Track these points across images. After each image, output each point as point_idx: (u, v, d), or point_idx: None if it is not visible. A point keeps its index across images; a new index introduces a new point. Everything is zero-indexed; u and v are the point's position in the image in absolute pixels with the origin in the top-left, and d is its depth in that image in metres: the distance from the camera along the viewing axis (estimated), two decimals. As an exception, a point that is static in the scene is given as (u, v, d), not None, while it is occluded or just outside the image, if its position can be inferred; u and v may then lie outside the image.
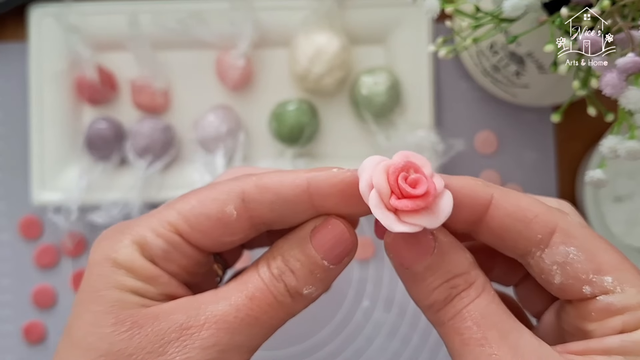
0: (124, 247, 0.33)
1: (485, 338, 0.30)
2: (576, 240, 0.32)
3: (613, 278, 0.31)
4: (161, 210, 0.34)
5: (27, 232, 0.69)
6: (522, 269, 0.35)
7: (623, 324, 0.31)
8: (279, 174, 0.33)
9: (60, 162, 0.67)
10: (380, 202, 0.31)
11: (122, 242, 0.33)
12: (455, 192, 0.32)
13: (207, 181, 0.64)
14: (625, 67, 0.37)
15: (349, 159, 0.68)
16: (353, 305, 0.69)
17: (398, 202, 0.30)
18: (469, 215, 0.33)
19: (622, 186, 0.67)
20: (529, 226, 0.32)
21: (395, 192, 0.31)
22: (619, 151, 0.39)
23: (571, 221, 0.32)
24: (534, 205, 0.32)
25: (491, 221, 0.32)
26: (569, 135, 0.70)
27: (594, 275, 0.31)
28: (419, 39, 0.67)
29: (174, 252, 0.33)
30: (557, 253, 0.32)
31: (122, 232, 0.33)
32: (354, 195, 0.32)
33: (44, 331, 0.69)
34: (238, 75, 0.66)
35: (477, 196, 0.32)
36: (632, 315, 0.30)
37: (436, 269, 0.32)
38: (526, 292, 0.40)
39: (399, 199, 0.30)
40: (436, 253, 0.32)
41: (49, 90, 0.67)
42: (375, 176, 0.31)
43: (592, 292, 0.31)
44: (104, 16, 0.67)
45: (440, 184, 0.31)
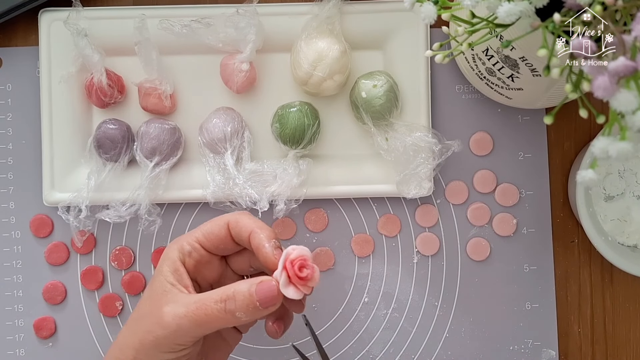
0: (171, 251, 0.55)
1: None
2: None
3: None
4: (195, 230, 0.56)
5: (38, 231, 0.70)
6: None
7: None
8: (253, 220, 0.55)
9: (70, 163, 0.68)
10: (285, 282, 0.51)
11: (173, 246, 0.55)
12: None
13: (218, 181, 0.66)
14: (617, 71, 0.37)
15: (349, 159, 0.69)
16: (354, 301, 0.71)
17: (295, 280, 0.51)
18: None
19: (613, 186, 0.68)
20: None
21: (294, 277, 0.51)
22: (610, 152, 0.39)
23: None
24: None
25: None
26: (562, 136, 0.71)
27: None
28: (416, 44, 0.68)
29: (194, 252, 0.55)
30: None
31: (177, 241, 0.56)
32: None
33: (54, 326, 0.70)
34: (242, 79, 0.66)
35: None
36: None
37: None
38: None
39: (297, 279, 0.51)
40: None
41: (59, 94, 0.68)
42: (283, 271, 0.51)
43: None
44: (113, 21, 0.68)
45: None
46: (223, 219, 0.55)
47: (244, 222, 0.54)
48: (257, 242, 0.53)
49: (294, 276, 0.51)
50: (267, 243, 0.53)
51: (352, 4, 0.68)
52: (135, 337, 0.52)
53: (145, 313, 0.53)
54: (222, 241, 0.55)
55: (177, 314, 0.51)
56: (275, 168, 0.66)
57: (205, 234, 0.55)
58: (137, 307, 0.55)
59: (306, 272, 0.51)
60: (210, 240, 0.55)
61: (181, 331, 0.51)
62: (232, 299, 0.50)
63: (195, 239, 0.55)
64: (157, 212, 0.66)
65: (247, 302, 0.50)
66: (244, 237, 0.54)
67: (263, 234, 0.53)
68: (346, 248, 0.70)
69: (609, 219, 0.68)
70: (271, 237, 0.53)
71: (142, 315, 0.53)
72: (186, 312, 0.50)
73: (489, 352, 0.70)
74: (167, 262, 0.54)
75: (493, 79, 0.63)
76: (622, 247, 0.67)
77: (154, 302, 0.53)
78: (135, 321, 0.54)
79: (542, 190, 0.70)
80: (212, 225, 0.55)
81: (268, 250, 0.52)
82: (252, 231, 0.53)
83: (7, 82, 0.70)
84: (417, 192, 0.66)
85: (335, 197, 0.69)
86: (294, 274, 0.51)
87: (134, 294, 0.70)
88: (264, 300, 0.50)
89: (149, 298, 0.54)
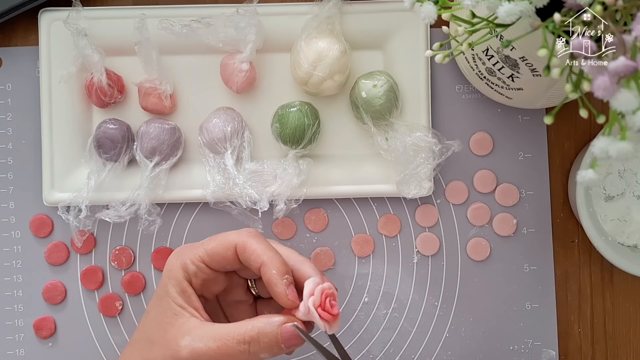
0: (175, 269, 0.53)
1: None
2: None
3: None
4: (198, 246, 0.54)
5: (38, 231, 0.70)
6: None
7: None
8: (263, 247, 0.52)
9: (70, 162, 0.68)
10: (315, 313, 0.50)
11: (176, 264, 0.53)
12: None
13: (218, 181, 0.66)
14: (617, 71, 0.37)
15: (349, 159, 0.69)
16: (354, 301, 0.71)
17: (322, 312, 0.50)
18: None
19: (613, 186, 0.68)
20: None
21: (322, 306, 0.50)
22: (610, 152, 0.39)
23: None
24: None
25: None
26: (562, 136, 0.71)
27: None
28: (416, 43, 0.68)
29: (200, 273, 0.53)
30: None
31: (179, 257, 0.54)
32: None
33: (54, 326, 0.70)
34: (242, 79, 0.66)
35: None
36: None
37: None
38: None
39: (323, 310, 0.50)
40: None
41: (59, 93, 0.68)
42: (315, 294, 0.51)
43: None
44: (113, 21, 0.68)
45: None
46: (229, 241, 0.53)
47: (253, 250, 0.52)
48: (269, 278, 0.51)
49: (324, 314, 0.50)
50: (278, 281, 0.51)
51: (352, 4, 0.68)
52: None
53: (155, 338, 0.52)
54: (229, 263, 0.53)
55: (196, 350, 0.50)
56: (275, 168, 0.66)
57: (210, 255, 0.53)
58: (144, 326, 0.54)
59: (337, 309, 0.51)
60: (216, 261, 0.53)
61: None
62: (257, 342, 0.49)
63: (200, 258, 0.53)
64: (157, 212, 0.66)
65: (272, 344, 0.50)
66: (253, 266, 0.52)
67: (274, 269, 0.51)
68: (346, 248, 0.70)
69: (609, 219, 0.68)
70: (283, 272, 0.51)
71: (152, 340, 0.52)
72: (206, 350, 0.49)
73: (489, 352, 0.70)
74: (172, 281, 0.53)
75: (493, 79, 0.63)
76: (622, 247, 0.67)
77: (165, 327, 0.52)
78: (145, 345, 0.53)
79: (542, 190, 0.70)
80: (218, 246, 0.53)
81: (280, 290, 0.51)
82: (263, 264, 0.51)
83: (7, 82, 0.70)
84: (417, 192, 0.66)
85: (335, 197, 0.69)
86: (323, 311, 0.50)
87: (134, 294, 0.70)
88: (289, 343, 0.50)
89: (157, 320, 0.53)
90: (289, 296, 0.51)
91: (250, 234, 0.53)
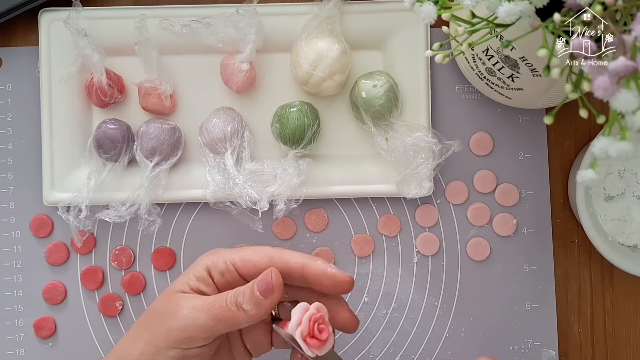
0: (201, 263, 0.54)
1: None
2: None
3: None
4: (234, 250, 0.55)
5: (38, 231, 0.70)
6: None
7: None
8: (299, 254, 0.54)
9: (70, 163, 0.68)
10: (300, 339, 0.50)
11: (205, 258, 0.55)
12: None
13: (218, 181, 0.66)
14: (617, 71, 0.37)
15: (349, 159, 0.69)
16: (353, 301, 0.71)
17: (310, 340, 0.50)
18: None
19: (613, 186, 0.68)
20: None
21: (310, 334, 0.50)
22: (610, 152, 0.39)
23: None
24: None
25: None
26: (562, 136, 0.71)
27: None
28: (416, 43, 0.68)
29: (227, 274, 0.54)
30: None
31: (214, 254, 0.55)
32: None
33: (54, 326, 0.70)
34: (242, 79, 0.66)
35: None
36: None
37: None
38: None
39: (311, 337, 0.50)
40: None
41: (59, 93, 0.68)
42: (303, 323, 0.50)
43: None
44: (113, 21, 0.68)
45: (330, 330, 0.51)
46: (265, 251, 0.54)
47: (290, 256, 0.53)
48: (316, 269, 0.52)
49: (310, 332, 0.50)
50: (329, 266, 0.52)
51: (352, 4, 0.68)
52: (147, 330, 0.52)
53: (159, 309, 0.53)
54: (259, 272, 0.53)
55: (195, 306, 0.51)
56: (275, 168, 0.66)
57: (244, 261, 0.54)
58: (152, 305, 0.55)
59: (326, 332, 0.51)
60: (248, 269, 0.53)
61: (195, 323, 0.51)
62: (241, 293, 0.51)
63: (232, 261, 0.54)
64: (157, 212, 0.66)
65: (250, 293, 0.51)
66: (292, 270, 0.53)
67: (319, 261, 0.53)
68: (346, 248, 0.71)
69: (609, 219, 0.68)
70: (326, 262, 0.53)
71: (156, 312, 0.53)
72: (203, 304, 0.51)
73: (489, 352, 0.70)
74: (194, 269, 0.54)
75: (493, 79, 0.63)
76: (622, 247, 0.67)
77: (170, 300, 0.53)
78: (149, 317, 0.54)
79: (542, 190, 0.70)
80: (252, 254, 0.54)
81: (334, 271, 0.52)
82: (305, 264, 0.53)
83: (7, 82, 0.70)
84: (417, 192, 0.67)
85: (335, 197, 0.69)
86: (311, 330, 0.50)
87: (134, 294, 0.70)
88: (263, 290, 0.51)
89: (161, 298, 0.54)
90: (345, 275, 0.52)
91: (282, 249, 0.55)
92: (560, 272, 0.70)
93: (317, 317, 0.51)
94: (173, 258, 0.70)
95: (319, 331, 0.50)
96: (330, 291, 0.53)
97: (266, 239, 0.70)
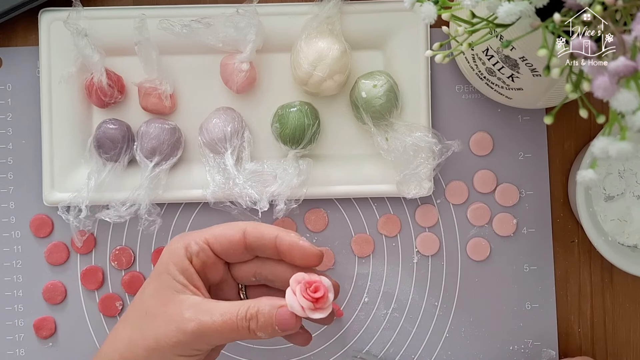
0: (177, 249, 0.54)
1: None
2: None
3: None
4: (204, 230, 0.55)
5: (38, 231, 0.70)
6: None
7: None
8: (271, 226, 0.55)
9: (70, 163, 0.68)
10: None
11: (178, 243, 0.54)
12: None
13: (218, 181, 0.66)
14: (617, 71, 0.37)
15: (349, 159, 0.69)
16: (354, 301, 0.71)
17: (313, 309, 0.51)
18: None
19: (613, 186, 0.68)
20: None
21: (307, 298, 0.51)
22: (610, 152, 0.39)
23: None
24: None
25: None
26: (562, 136, 0.71)
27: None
28: (416, 43, 0.68)
29: (202, 253, 0.54)
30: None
31: (182, 238, 0.55)
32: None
33: (54, 326, 0.70)
34: (242, 79, 0.66)
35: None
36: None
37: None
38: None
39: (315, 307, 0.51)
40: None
41: (59, 93, 0.68)
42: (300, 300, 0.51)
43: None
44: (113, 21, 0.68)
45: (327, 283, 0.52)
46: (238, 225, 0.55)
47: (265, 228, 0.54)
48: (289, 241, 0.53)
49: (309, 299, 0.51)
50: (300, 240, 0.53)
51: (352, 4, 0.68)
52: (146, 338, 0.52)
53: (156, 313, 0.52)
54: (234, 246, 0.54)
55: (203, 323, 0.50)
56: (275, 168, 0.66)
57: (217, 236, 0.54)
58: (141, 302, 0.55)
59: (321, 292, 0.51)
60: (221, 244, 0.54)
61: (204, 339, 0.51)
62: (255, 319, 0.51)
63: (204, 239, 0.54)
64: (157, 212, 0.66)
65: (267, 324, 0.51)
66: (266, 241, 0.54)
67: (292, 233, 0.54)
68: (346, 248, 0.71)
69: (609, 219, 0.68)
70: (299, 236, 0.54)
71: (151, 315, 0.53)
72: (212, 322, 0.50)
73: (488, 352, 0.70)
74: (174, 259, 0.53)
75: (493, 79, 0.63)
76: (622, 247, 0.67)
77: (166, 303, 0.52)
78: (143, 320, 0.53)
79: (542, 190, 0.70)
80: (225, 228, 0.55)
81: (306, 244, 0.53)
82: (278, 235, 0.53)
83: (7, 82, 0.70)
84: (417, 192, 0.67)
85: (335, 197, 0.69)
86: (309, 297, 0.51)
87: (134, 294, 0.70)
88: (282, 326, 0.51)
89: (156, 296, 0.53)
90: (315, 248, 0.53)
91: (256, 222, 0.56)
92: (560, 272, 0.71)
93: (304, 284, 0.51)
94: (173, 258, 0.70)
95: (314, 290, 0.51)
96: (301, 263, 0.54)
97: (266, 239, 0.70)
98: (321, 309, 0.51)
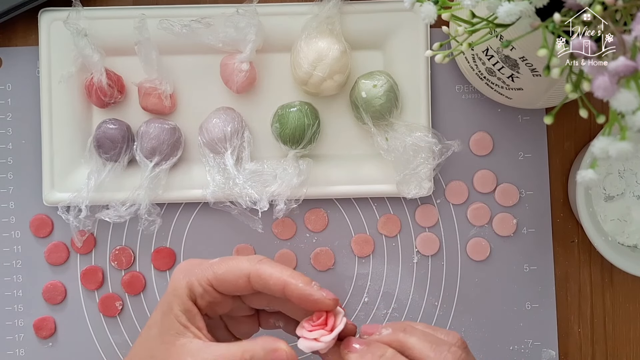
0: (180, 288, 0.52)
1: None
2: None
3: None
4: (207, 267, 0.53)
5: (38, 231, 0.70)
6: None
7: None
8: (279, 270, 0.52)
9: (70, 163, 0.68)
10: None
11: (182, 282, 0.52)
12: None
13: (218, 181, 0.66)
14: (617, 71, 0.37)
15: (349, 159, 0.69)
16: (354, 301, 0.71)
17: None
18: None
19: (613, 186, 0.68)
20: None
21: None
22: (610, 152, 0.39)
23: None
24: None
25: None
26: (562, 136, 0.71)
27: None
28: (416, 43, 0.68)
29: (206, 295, 0.52)
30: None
31: (185, 275, 0.53)
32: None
33: (54, 326, 0.70)
34: (242, 79, 0.66)
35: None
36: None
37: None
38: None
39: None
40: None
41: (58, 93, 0.68)
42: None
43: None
44: (113, 21, 0.68)
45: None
46: (242, 270, 0.52)
47: (269, 274, 0.52)
48: (299, 292, 0.51)
49: (318, 327, 0.51)
50: (311, 290, 0.51)
51: (352, 4, 0.68)
52: None
53: (157, 355, 0.52)
54: (239, 290, 0.52)
55: None
56: (275, 168, 0.66)
57: (220, 280, 0.52)
58: (146, 342, 0.54)
59: (323, 317, 0.52)
60: (225, 287, 0.52)
61: None
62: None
63: (208, 281, 0.52)
64: (157, 212, 0.66)
65: None
66: (273, 289, 0.51)
67: (300, 282, 0.51)
68: (346, 248, 0.71)
69: (609, 219, 0.68)
70: (307, 281, 0.51)
71: (154, 357, 0.52)
72: None
73: (488, 352, 0.70)
74: (177, 300, 0.52)
75: (493, 79, 0.63)
76: (622, 247, 0.67)
77: (167, 346, 0.51)
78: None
79: (542, 190, 0.70)
80: (228, 273, 0.52)
81: (318, 296, 0.51)
82: (286, 284, 0.51)
83: (7, 82, 0.70)
84: (417, 192, 0.67)
85: (335, 197, 0.69)
86: (317, 326, 0.51)
87: (134, 294, 0.70)
88: None
89: (159, 337, 0.52)
90: (328, 298, 0.51)
91: (261, 261, 0.53)
92: (560, 272, 0.71)
93: (306, 323, 0.52)
94: (173, 258, 0.70)
95: (317, 319, 0.52)
96: (313, 310, 0.53)
97: (266, 239, 0.70)
98: (336, 326, 0.51)
